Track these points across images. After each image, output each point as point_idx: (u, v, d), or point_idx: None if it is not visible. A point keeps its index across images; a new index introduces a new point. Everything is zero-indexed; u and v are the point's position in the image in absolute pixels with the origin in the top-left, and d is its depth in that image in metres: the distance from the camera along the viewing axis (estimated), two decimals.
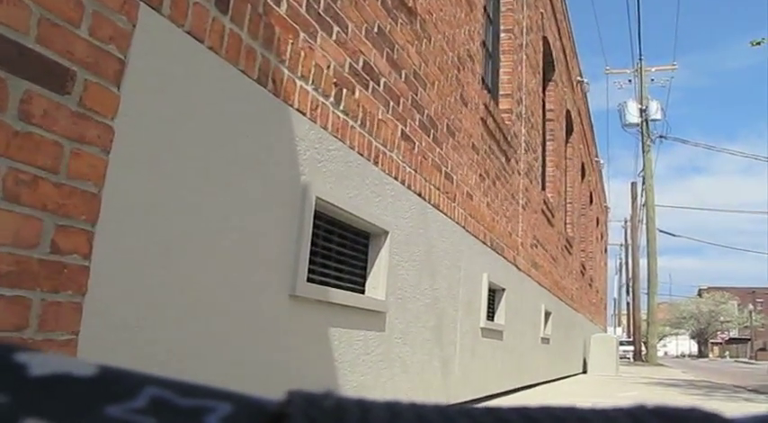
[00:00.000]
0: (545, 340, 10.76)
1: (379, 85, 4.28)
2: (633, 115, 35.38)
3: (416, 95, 4.96)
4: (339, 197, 3.63)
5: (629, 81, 37.89)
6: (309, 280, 3.31)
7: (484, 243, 6.73)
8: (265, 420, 0.27)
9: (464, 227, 6.01)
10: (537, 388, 9.73)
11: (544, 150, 12.29)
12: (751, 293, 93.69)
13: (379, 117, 4.25)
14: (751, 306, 78.84)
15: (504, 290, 7.55)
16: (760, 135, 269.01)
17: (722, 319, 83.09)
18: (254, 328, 2.91)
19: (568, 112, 15.09)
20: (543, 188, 11.57)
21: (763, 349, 70.53)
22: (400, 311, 4.48)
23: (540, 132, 11.00)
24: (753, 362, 56.24)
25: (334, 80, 3.65)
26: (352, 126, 3.85)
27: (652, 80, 36.94)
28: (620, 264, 61.65)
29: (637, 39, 44.82)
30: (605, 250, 32.38)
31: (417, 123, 4.95)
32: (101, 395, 0.27)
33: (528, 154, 9.47)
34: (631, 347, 35.80)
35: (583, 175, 19.08)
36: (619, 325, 65.29)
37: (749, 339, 79.64)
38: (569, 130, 15.85)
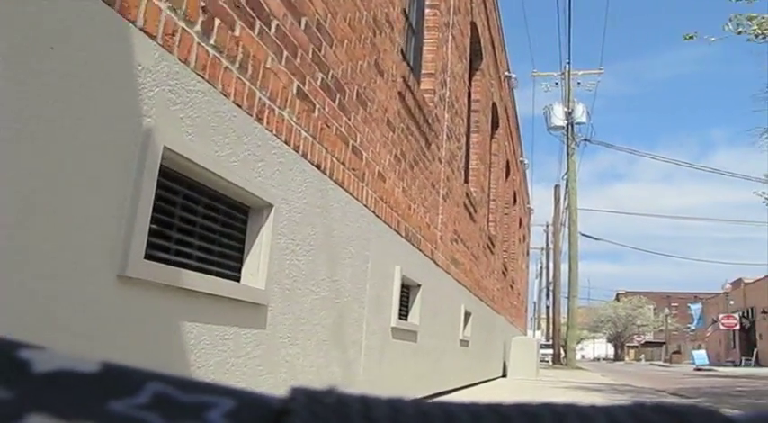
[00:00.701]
0: (464, 342, 10.09)
1: (269, 28, 3.47)
2: (559, 118, 35.40)
3: (320, 51, 4.17)
4: (204, 154, 2.81)
5: (556, 84, 37.82)
6: (152, 257, 2.48)
7: (397, 232, 5.98)
8: (267, 416, 0.28)
9: (374, 211, 5.25)
10: (455, 393, 9.05)
11: (468, 141, 11.66)
12: (666, 298, 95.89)
13: (268, 66, 3.45)
14: (667, 310, 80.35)
15: (419, 286, 6.82)
16: (680, 144, 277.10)
17: (638, 322, 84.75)
18: (75, 321, 2.09)
19: (495, 105, 14.52)
20: (466, 181, 10.92)
21: (677, 352, 71.94)
22: (288, 305, 3.68)
23: (465, 121, 10.34)
24: (667, 365, 57.17)
25: (203, 5, 2.83)
26: (228, 68, 3.03)
27: (578, 84, 36.94)
28: (541, 267, 62.07)
29: (566, 43, 44.80)
30: (527, 253, 32.16)
31: (319, 83, 4.17)
32: (104, 391, 0.27)
33: (451, 141, 8.78)
34: (550, 350, 35.71)
35: (507, 174, 18.58)
36: (538, 328, 65.70)
37: (664, 343, 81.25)
38: (495, 125, 15.29)
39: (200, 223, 2.96)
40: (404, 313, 6.49)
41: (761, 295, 48.96)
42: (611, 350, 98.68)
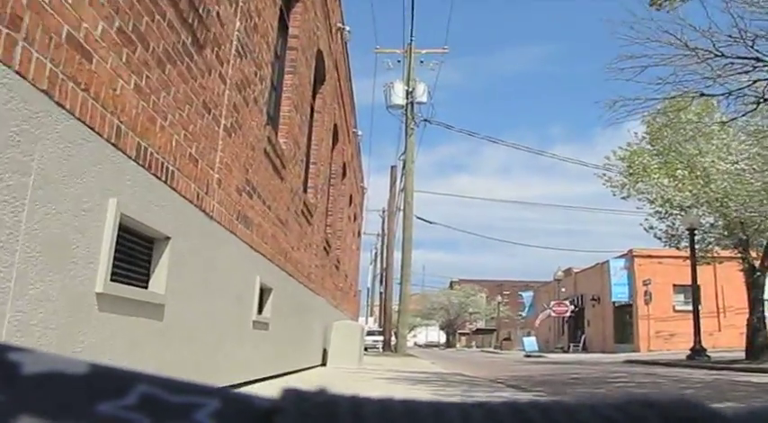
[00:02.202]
0: (261, 325, 8.06)
1: None
2: (399, 97, 33.86)
3: None
4: None
5: (399, 61, 36.28)
6: None
7: (117, 147, 3.84)
8: (254, 416, 0.28)
9: (48, 93, 3.10)
10: (249, 387, 7.02)
11: (281, 82, 9.61)
12: (499, 286, 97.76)
13: None
14: (499, 298, 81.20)
15: (168, 239, 4.72)
16: (520, 139, 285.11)
17: (471, 310, 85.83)
18: None
19: (321, 53, 12.51)
20: (274, 127, 8.87)
21: (507, 339, 72.76)
22: None
23: (272, 50, 8.26)
24: (498, 351, 57.47)
25: None
26: None
27: (421, 62, 35.60)
28: (376, 253, 61.05)
29: (409, 22, 43.26)
30: (359, 234, 30.58)
31: None
32: (93, 393, 0.28)
33: (244, 62, 6.70)
34: (382, 337, 34.29)
35: (335, 140, 16.67)
36: (371, 315, 64.76)
37: (495, 330, 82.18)
38: (321, 79, 13.32)
39: None
40: (137, 277, 4.38)
41: (590, 283, 49.75)
42: (443, 337, 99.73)
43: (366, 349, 25.98)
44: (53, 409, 0.26)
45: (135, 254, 4.35)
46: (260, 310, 8.13)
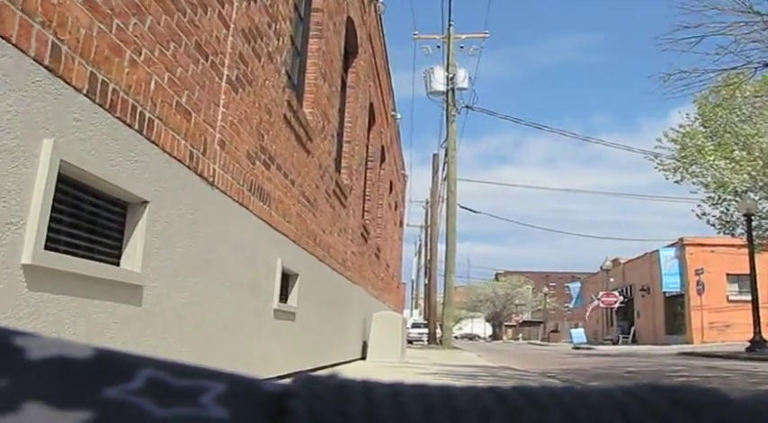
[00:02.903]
0: (285, 314, 7.12)
1: None
2: (439, 83, 32.75)
3: None
4: None
5: (438, 47, 35.21)
6: None
7: (54, 73, 2.90)
8: (262, 399, 0.28)
9: None
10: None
11: (305, 46, 8.65)
12: (545, 277, 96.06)
13: None
14: (545, 289, 79.27)
15: (146, 204, 3.78)
16: (565, 127, 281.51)
17: (517, 302, 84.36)
18: None
19: (351, 22, 11.54)
20: (299, 96, 7.93)
21: (554, 331, 71.20)
22: None
23: (291, 4, 7.28)
24: (545, 343, 56.08)
25: None
26: None
27: (461, 47, 34.52)
28: (420, 246, 60.02)
29: (447, 8, 41.95)
30: (401, 224, 29.60)
31: None
32: (98, 377, 0.28)
33: (253, 8, 5.74)
34: (427, 330, 33.31)
35: (372, 121, 15.68)
36: (416, 307, 63.82)
37: (542, 322, 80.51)
38: (353, 51, 12.36)
39: None
40: (103, 250, 3.45)
41: (639, 273, 48.08)
42: (489, 329, 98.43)
43: (411, 342, 25.06)
44: (59, 394, 0.26)
45: (98, 220, 3.42)
46: (284, 299, 7.20)
